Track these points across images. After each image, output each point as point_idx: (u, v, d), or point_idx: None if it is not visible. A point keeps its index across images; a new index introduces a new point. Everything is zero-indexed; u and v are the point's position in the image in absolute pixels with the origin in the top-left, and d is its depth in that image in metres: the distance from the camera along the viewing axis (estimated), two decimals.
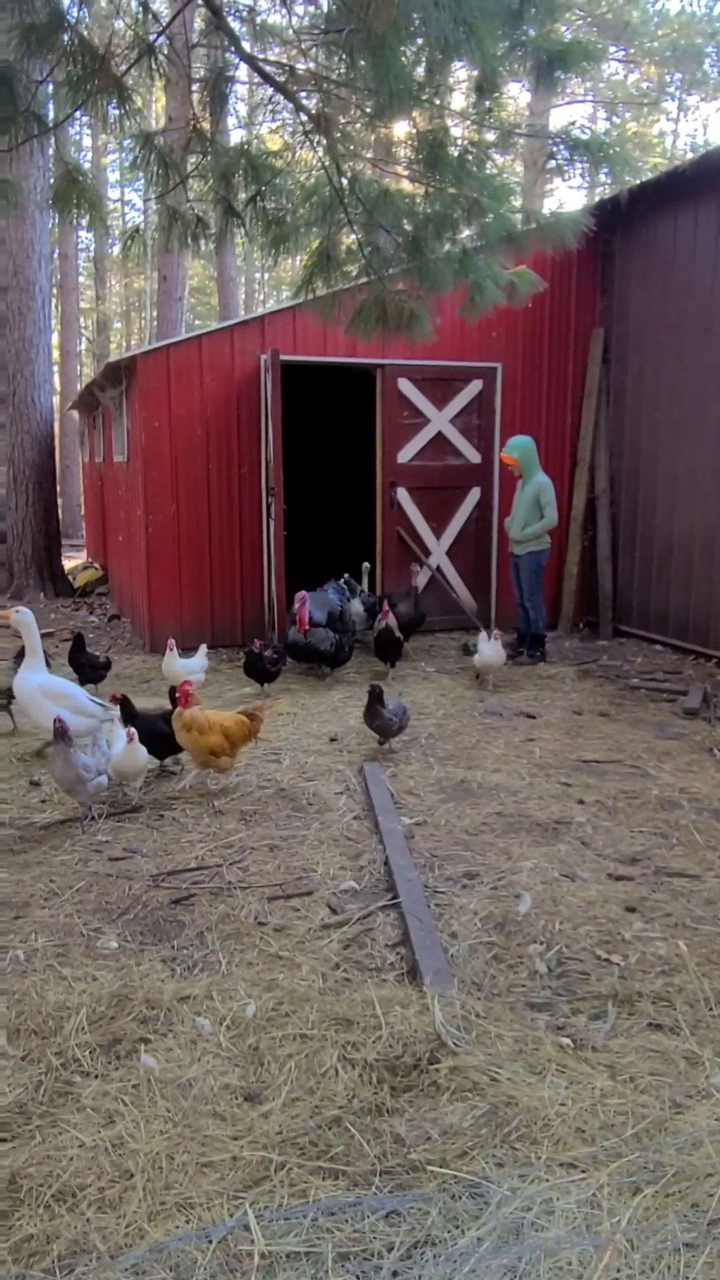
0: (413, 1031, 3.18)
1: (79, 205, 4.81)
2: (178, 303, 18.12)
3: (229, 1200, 2.50)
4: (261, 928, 3.98)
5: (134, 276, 42.10)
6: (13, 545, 13.86)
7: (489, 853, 4.75)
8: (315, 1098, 2.90)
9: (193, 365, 9.50)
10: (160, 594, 9.70)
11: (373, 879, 4.46)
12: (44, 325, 13.89)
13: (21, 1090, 2.93)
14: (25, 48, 4.02)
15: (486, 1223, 2.38)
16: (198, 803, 5.45)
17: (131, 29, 4.69)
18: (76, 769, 4.95)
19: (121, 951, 3.79)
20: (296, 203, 4.99)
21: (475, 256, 4.93)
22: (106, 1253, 2.33)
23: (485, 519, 10.35)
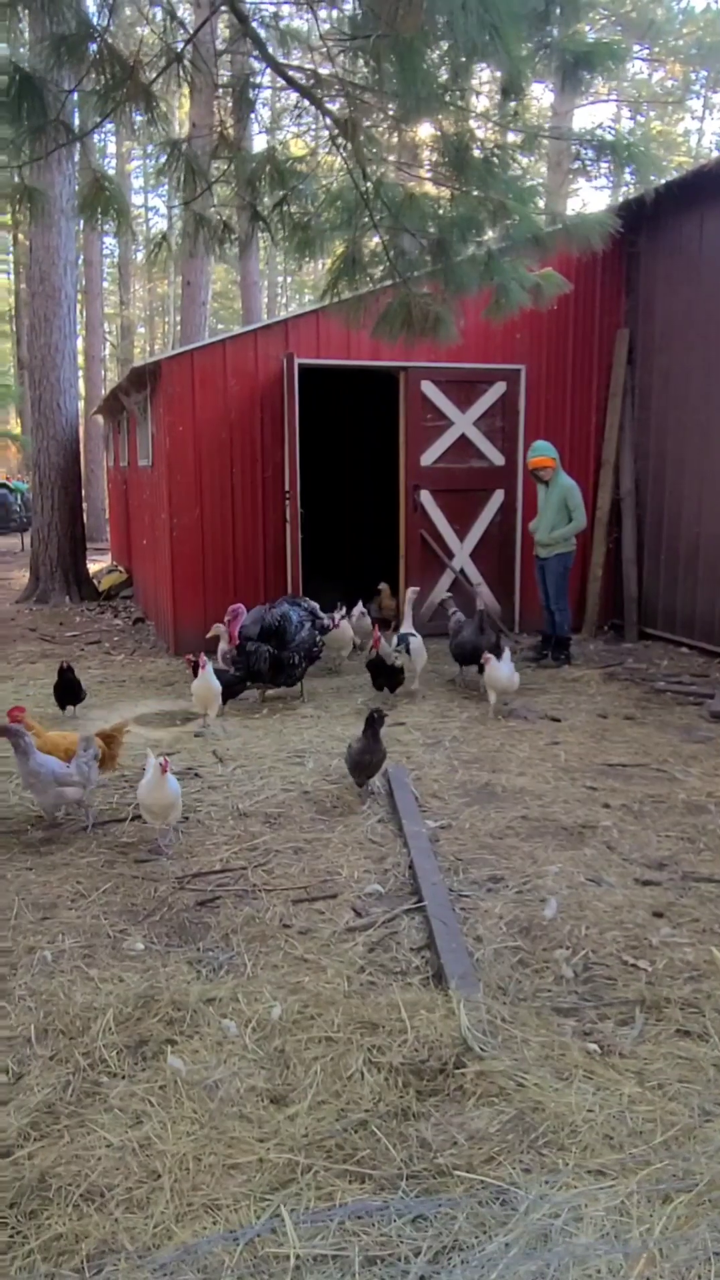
0: (438, 1035, 3.17)
1: (106, 212, 4.85)
2: (201, 307, 18.21)
3: (256, 1202, 2.50)
4: (286, 930, 3.99)
5: (157, 282, 42.41)
6: (39, 549, 13.99)
7: (514, 856, 4.73)
8: (341, 1101, 2.90)
9: (217, 369, 9.55)
10: (184, 597, 9.75)
11: (397, 882, 4.45)
12: (69, 331, 14.01)
13: (50, 1090, 2.95)
14: (56, 57, 4.06)
15: (514, 1229, 2.37)
16: (222, 805, 5.47)
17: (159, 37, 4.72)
18: (37, 774, 4.83)
19: (148, 953, 3.81)
20: (322, 207, 5.00)
21: (501, 259, 4.92)
22: (135, 1253, 2.34)
23: (509, 522, 10.32)
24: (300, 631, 7.73)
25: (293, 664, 7.60)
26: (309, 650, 7.86)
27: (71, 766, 4.98)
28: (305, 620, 7.89)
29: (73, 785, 4.95)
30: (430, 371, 9.78)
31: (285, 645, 7.59)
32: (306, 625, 7.87)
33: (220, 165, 5.23)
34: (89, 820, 5.18)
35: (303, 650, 7.74)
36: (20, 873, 4.57)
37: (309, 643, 7.82)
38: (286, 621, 7.64)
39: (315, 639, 7.95)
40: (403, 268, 4.87)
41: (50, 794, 4.91)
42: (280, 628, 7.61)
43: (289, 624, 7.64)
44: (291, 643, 7.61)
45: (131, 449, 12.75)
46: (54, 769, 4.90)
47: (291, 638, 7.63)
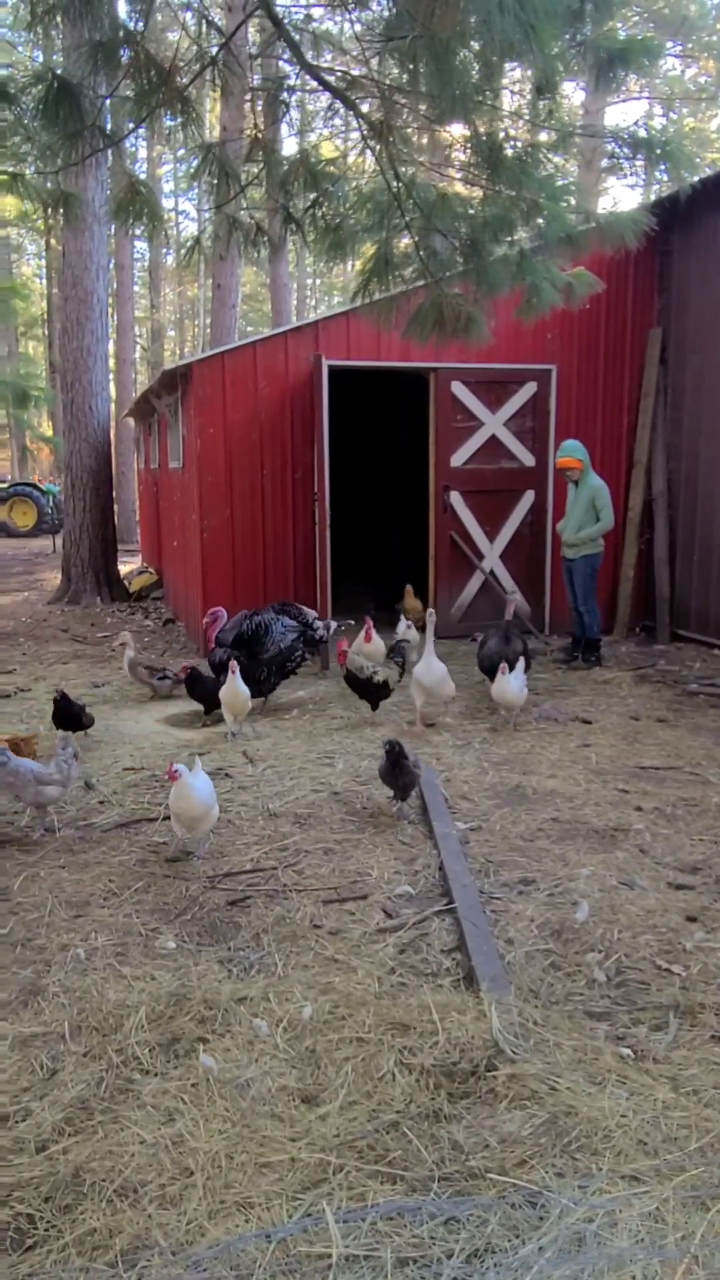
0: (470, 1038, 3.16)
1: (140, 216, 4.89)
2: (231, 310, 18.29)
3: (288, 1201, 2.51)
4: (317, 931, 3.99)
5: (188, 285, 42.70)
6: (70, 551, 14.12)
7: (545, 859, 4.70)
8: (372, 1102, 2.90)
9: (247, 371, 9.59)
10: (215, 598, 9.78)
11: (427, 884, 4.44)
12: (101, 334, 14.13)
13: (83, 1086, 2.98)
14: (93, 63, 4.10)
15: (548, 1233, 2.36)
16: (253, 805, 5.49)
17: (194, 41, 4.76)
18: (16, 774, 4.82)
19: (179, 952, 3.83)
20: (354, 208, 5.01)
21: (533, 258, 4.90)
22: (168, 1249, 2.35)
23: (539, 522, 10.27)
24: (280, 642, 7.47)
25: (259, 677, 7.28)
26: (283, 664, 7.54)
27: (51, 766, 4.98)
28: (291, 631, 7.63)
29: (53, 784, 4.95)
30: (460, 372, 9.76)
31: (256, 656, 7.34)
32: (290, 636, 7.59)
33: (252, 168, 5.26)
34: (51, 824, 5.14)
35: (276, 663, 7.46)
36: (53, 871, 4.61)
37: (287, 655, 7.52)
38: (263, 631, 7.42)
39: (297, 651, 7.67)
40: (434, 268, 4.87)
41: (30, 793, 4.91)
42: (254, 637, 7.39)
43: (265, 634, 7.42)
44: (264, 654, 7.35)
45: (162, 451, 12.84)
46: (33, 769, 4.91)
47: (265, 649, 7.37)
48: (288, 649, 7.51)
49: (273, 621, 7.57)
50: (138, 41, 4.20)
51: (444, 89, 3.65)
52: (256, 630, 7.41)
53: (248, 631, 7.39)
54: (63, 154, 4.54)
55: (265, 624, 7.48)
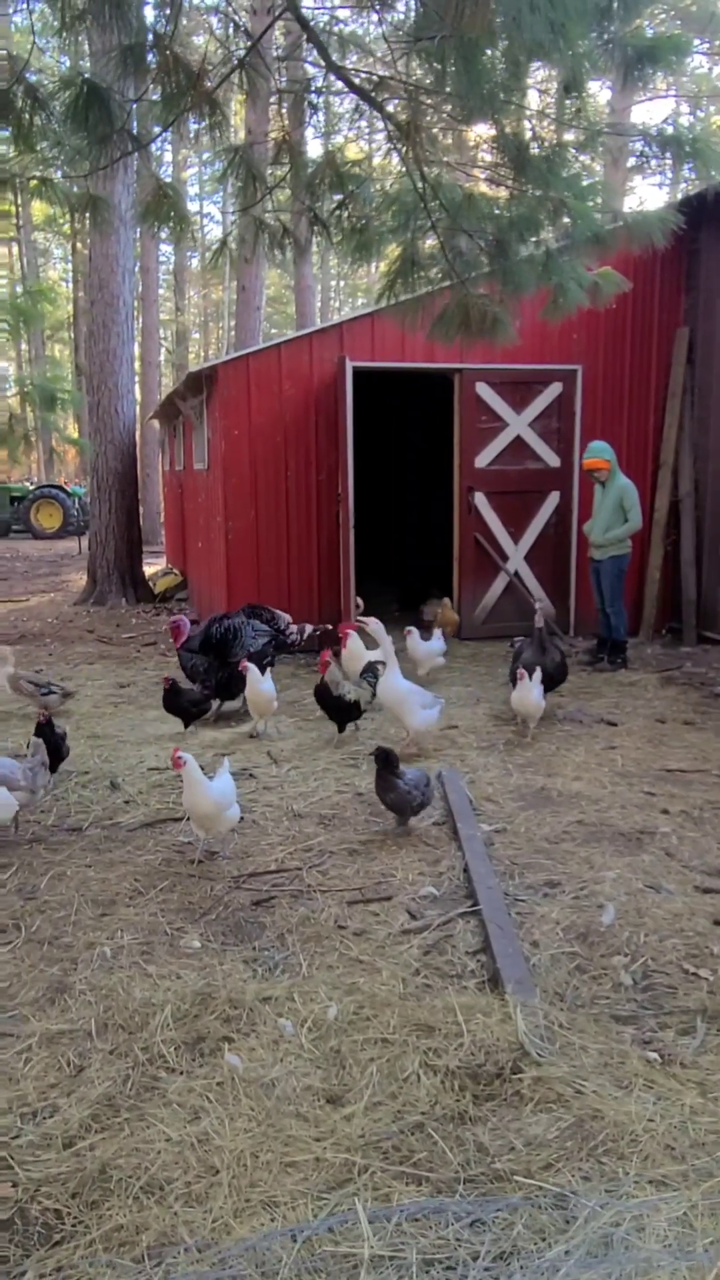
0: (495, 1040, 3.15)
1: (168, 219, 4.92)
2: (256, 312, 18.37)
3: (313, 1201, 2.51)
4: (341, 931, 3.99)
5: (212, 288, 42.91)
6: (96, 552, 14.22)
7: (570, 862, 4.68)
8: (397, 1103, 2.90)
9: (272, 373, 9.62)
10: (240, 599, 9.81)
11: (452, 885, 4.43)
12: (127, 337, 14.22)
13: (110, 1083, 3.00)
14: (123, 67, 4.14)
15: (574, 1236, 2.34)
16: (277, 805, 5.50)
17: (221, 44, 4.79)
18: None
19: (204, 951, 3.84)
20: (380, 209, 5.01)
21: (559, 258, 4.88)
22: (194, 1246, 2.36)
23: (564, 523, 10.22)
24: (250, 647, 7.36)
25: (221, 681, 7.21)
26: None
27: (17, 770, 4.89)
28: (261, 635, 7.55)
29: (19, 790, 4.84)
30: (485, 373, 9.73)
31: (226, 661, 7.26)
32: (261, 641, 7.49)
33: (278, 170, 5.28)
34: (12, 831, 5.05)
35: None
36: (80, 870, 4.64)
37: (257, 659, 7.30)
38: (232, 636, 7.33)
39: (268, 656, 7.57)
40: (460, 268, 4.86)
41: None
42: (223, 641, 7.30)
43: (235, 639, 7.32)
44: (234, 659, 7.22)
45: (187, 453, 12.91)
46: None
47: (234, 653, 7.27)
48: (258, 654, 7.41)
49: (243, 626, 7.48)
50: (166, 45, 4.22)
51: (472, 88, 3.64)
52: (226, 634, 7.31)
53: (217, 635, 7.29)
54: (92, 158, 4.58)
55: (235, 628, 7.40)
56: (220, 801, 4.60)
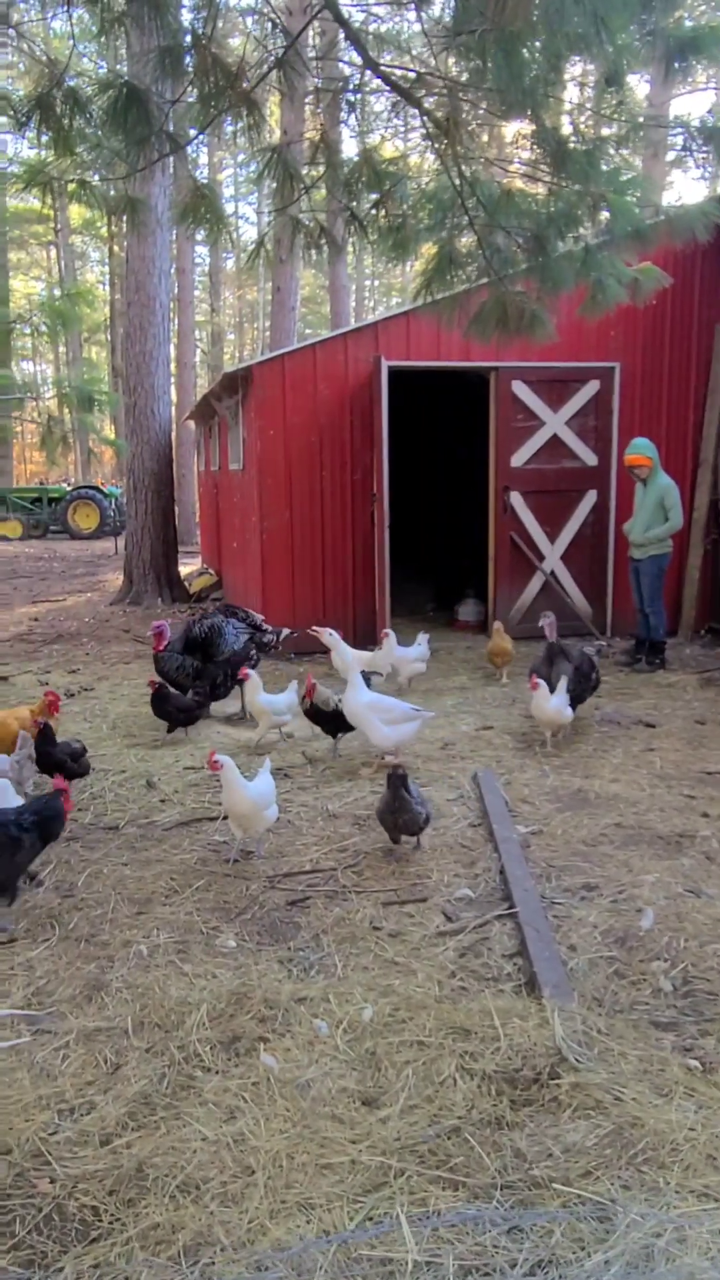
0: (532, 1044, 3.12)
1: (205, 220, 4.94)
2: (291, 313, 18.41)
3: (349, 1203, 2.50)
4: (376, 933, 3.98)
5: (247, 289, 43.13)
6: (132, 552, 14.33)
7: (608, 865, 4.62)
8: (433, 1106, 2.87)
9: (307, 373, 9.63)
10: (274, 600, 9.85)
11: (488, 887, 4.40)
12: (163, 339, 14.31)
13: (146, 1081, 3.00)
14: (161, 69, 4.16)
15: (614, 1246, 2.31)
16: (312, 805, 5.50)
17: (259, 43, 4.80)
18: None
19: (240, 950, 3.85)
20: (416, 207, 4.99)
21: (598, 254, 4.83)
22: (230, 1246, 2.36)
23: (601, 523, 10.12)
24: (234, 644, 7.36)
25: (216, 680, 7.17)
26: (238, 667, 7.25)
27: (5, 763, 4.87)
28: (243, 634, 7.52)
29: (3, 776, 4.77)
30: (521, 371, 9.67)
31: (212, 659, 7.27)
32: (243, 639, 7.47)
33: (314, 170, 5.27)
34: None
35: (232, 666, 7.29)
36: (116, 868, 4.67)
37: (242, 656, 7.39)
38: (215, 634, 7.33)
39: (251, 653, 7.54)
40: (498, 265, 4.82)
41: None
42: (208, 640, 7.29)
43: (219, 637, 7.32)
44: (219, 657, 7.26)
45: (222, 453, 12.97)
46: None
47: (220, 652, 7.29)
48: (242, 651, 7.40)
49: (224, 624, 7.45)
50: (204, 45, 4.24)
51: (512, 83, 3.61)
52: (210, 633, 7.30)
53: (200, 635, 7.26)
54: (130, 160, 4.60)
55: (218, 627, 7.38)
56: (258, 801, 4.62)
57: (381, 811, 4.71)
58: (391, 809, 4.65)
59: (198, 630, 7.35)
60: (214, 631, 7.34)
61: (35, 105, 4.54)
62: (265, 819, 4.70)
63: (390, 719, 5.77)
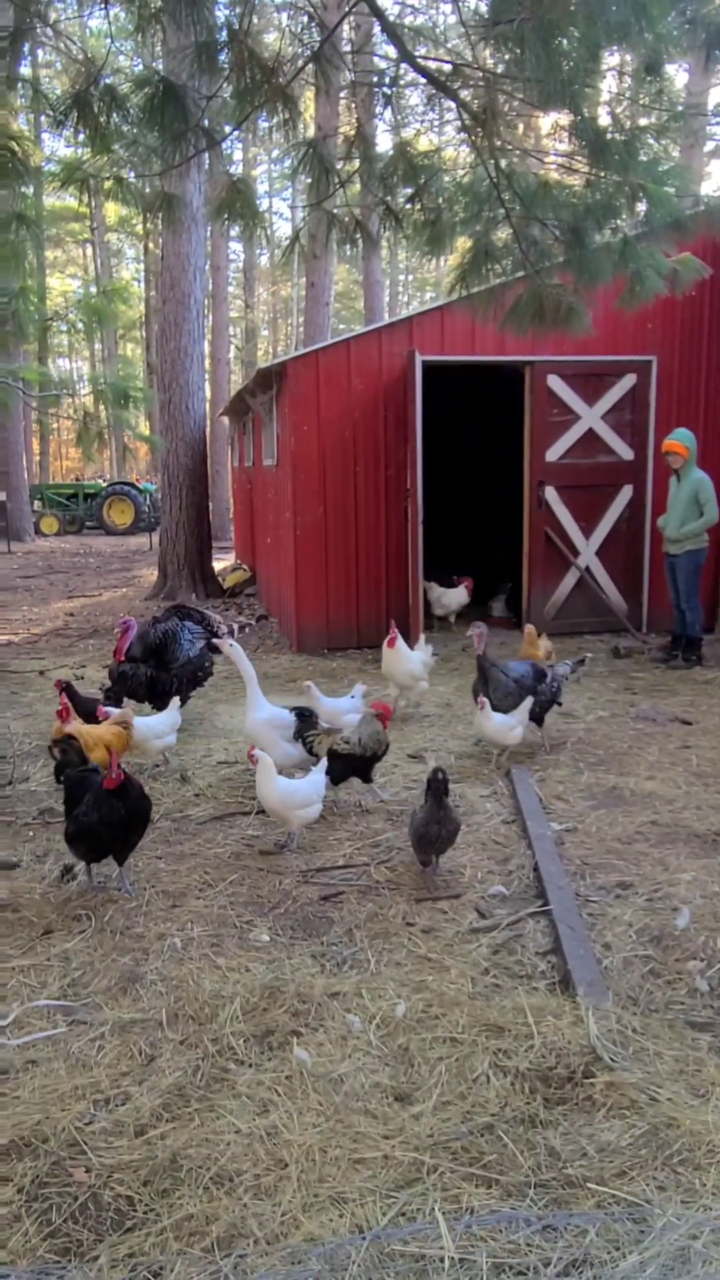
0: (566, 1043, 3.10)
1: (241, 216, 4.95)
2: (324, 308, 18.42)
3: (381, 1198, 2.50)
4: (409, 929, 3.97)
5: (281, 284, 43.20)
6: (167, 548, 14.43)
7: (643, 863, 4.58)
8: (466, 1103, 2.87)
9: (341, 369, 9.62)
10: (307, 595, 9.87)
11: (521, 885, 4.38)
12: (198, 335, 14.38)
13: (180, 1073, 3.02)
14: (198, 64, 4.17)
15: (650, 1247, 2.28)
16: (345, 801, 5.50)
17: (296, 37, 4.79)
18: None
19: (273, 945, 3.86)
20: (452, 201, 4.96)
21: (636, 245, 4.77)
22: (263, 1239, 2.37)
23: (637, 518, 10.02)
24: (189, 651, 6.99)
25: (170, 689, 6.67)
26: (194, 673, 7.05)
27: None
28: (199, 639, 7.13)
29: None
30: (557, 365, 9.59)
31: (166, 666, 6.85)
32: (199, 644, 7.09)
33: (349, 164, 5.26)
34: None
35: (186, 673, 6.95)
36: (151, 862, 4.71)
37: (197, 664, 7.03)
38: (170, 640, 6.95)
39: (208, 660, 7.17)
40: (535, 258, 4.78)
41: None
42: (163, 645, 6.88)
43: (172, 643, 6.94)
44: (174, 664, 6.87)
45: (256, 449, 13.00)
46: None
47: (174, 658, 6.90)
48: (198, 658, 7.05)
49: (178, 629, 7.08)
50: (241, 40, 4.24)
51: (550, 73, 3.57)
52: (164, 639, 6.92)
53: (155, 641, 6.89)
54: (167, 156, 4.62)
55: (171, 632, 7.00)
56: (286, 800, 4.65)
57: (424, 824, 4.26)
58: (436, 819, 4.24)
59: (152, 636, 6.90)
60: (168, 637, 6.95)
61: (73, 103, 4.58)
62: (300, 816, 4.71)
63: (289, 736, 5.46)
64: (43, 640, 11.17)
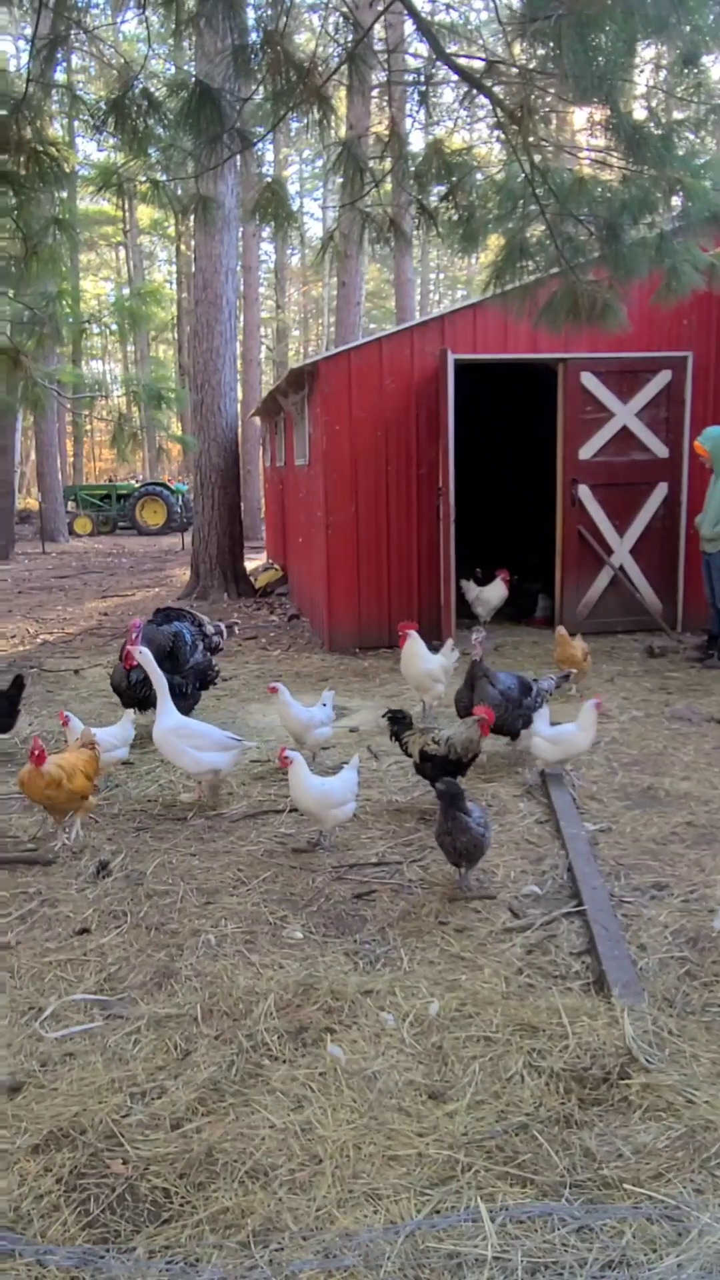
0: (601, 1044, 3.08)
1: (276, 217, 4.97)
2: (356, 307, 18.44)
3: (416, 1195, 2.50)
4: (443, 927, 3.97)
5: (312, 284, 43.29)
6: (199, 548, 14.51)
7: (679, 864, 4.54)
8: (501, 1102, 2.86)
9: (373, 368, 9.63)
10: (339, 594, 9.88)
11: (555, 884, 4.36)
12: (230, 336, 14.45)
13: (215, 1068, 3.04)
14: (235, 67, 4.20)
15: (687, 1250, 2.27)
16: (378, 799, 5.51)
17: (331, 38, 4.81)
18: None
19: (306, 942, 3.87)
20: (486, 197, 4.95)
21: (673, 240, 4.72)
22: (299, 1233, 2.38)
23: (672, 516, 9.92)
24: (194, 653, 6.87)
25: (185, 692, 6.60)
26: (203, 674, 6.94)
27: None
28: (197, 639, 6.98)
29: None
30: (590, 362, 9.52)
31: (179, 669, 6.65)
32: (200, 646, 6.95)
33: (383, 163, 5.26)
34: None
35: (196, 674, 6.85)
36: (185, 858, 4.75)
37: (204, 666, 6.92)
38: (180, 642, 6.79)
39: (209, 661, 7.04)
40: (569, 254, 4.75)
41: None
42: (174, 649, 6.69)
43: (182, 645, 6.79)
44: (185, 665, 6.72)
45: (288, 449, 13.05)
46: None
47: (185, 659, 6.75)
48: (202, 659, 6.93)
49: (183, 630, 6.94)
50: (276, 42, 4.26)
51: (586, 68, 3.55)
52: (174, 641, 6.75)
53: (165, 645, 6.64)
54: (202, 158, 4.66)
55: (178, 634, 6.85)
56: (320, 798, 4.64)
57: (439, 833, 4.25)
58: (448, 830, 4.17)
59: (161, 639, 6.67)
60: (178, 639, 6.80)
61: (111, 108, 4.63)
62: (334, 816, 4.71)
63: (199, 745, 5.29)
64: (77, 639, 11.29)
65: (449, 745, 5.01)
